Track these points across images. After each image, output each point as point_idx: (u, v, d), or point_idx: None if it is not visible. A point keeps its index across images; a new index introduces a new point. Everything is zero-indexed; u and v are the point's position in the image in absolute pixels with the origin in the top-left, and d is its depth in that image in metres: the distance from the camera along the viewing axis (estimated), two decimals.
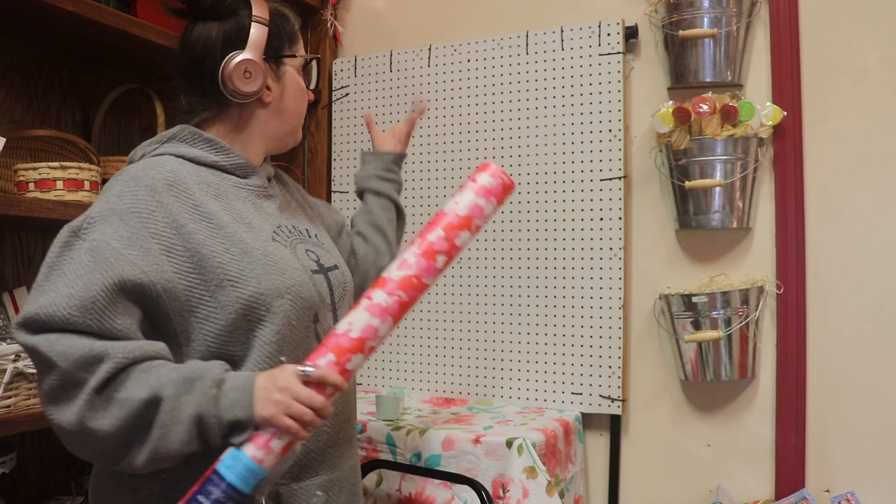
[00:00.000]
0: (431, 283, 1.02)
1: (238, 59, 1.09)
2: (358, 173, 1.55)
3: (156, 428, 0.90)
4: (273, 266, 1.04)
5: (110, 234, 0.96)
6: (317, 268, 1.14)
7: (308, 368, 0.95)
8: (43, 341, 0.90)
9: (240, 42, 1.10)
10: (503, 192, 1.07)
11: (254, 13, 1.11)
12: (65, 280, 0.92)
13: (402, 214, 1.58)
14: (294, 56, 1.18)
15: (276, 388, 0.92)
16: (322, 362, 0.95)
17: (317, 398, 0.94)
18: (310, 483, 1.09)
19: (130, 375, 0.91)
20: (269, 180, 1.20)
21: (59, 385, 0.90)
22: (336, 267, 1.20)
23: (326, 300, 1.13)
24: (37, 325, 0.91)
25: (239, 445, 0.90)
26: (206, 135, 1.12)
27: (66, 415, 0.89)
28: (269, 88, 1.14)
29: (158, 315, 0.98)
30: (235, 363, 1.02)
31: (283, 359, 1.02)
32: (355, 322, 0.97)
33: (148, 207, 0.99)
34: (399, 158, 1.57)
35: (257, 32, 1.10)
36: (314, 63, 1.23)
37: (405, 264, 1.00)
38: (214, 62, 1.09)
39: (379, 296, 0.99)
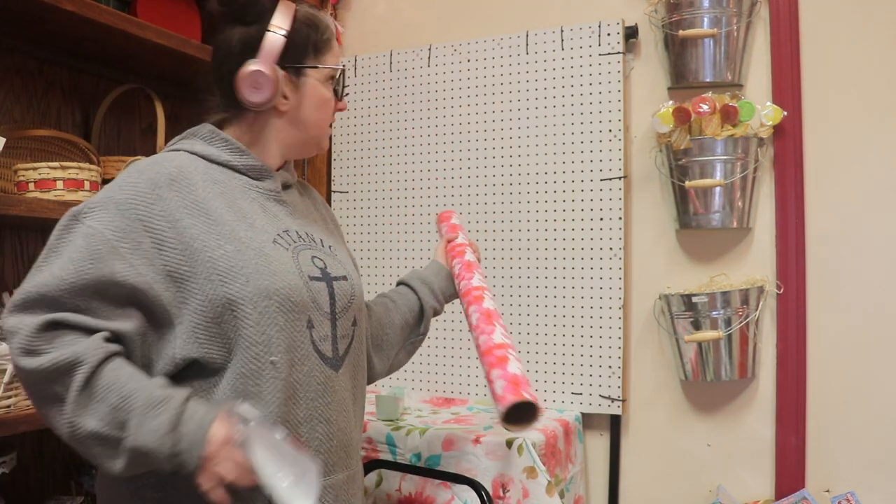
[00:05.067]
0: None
1: (249, 68, 1.10)
2: (425, 275, 1.46)
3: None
4: (265, 266, 1.05)
5: (106, 223, 0.99)
6: (319, 275, 1.13)
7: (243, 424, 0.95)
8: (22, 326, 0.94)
9: (255, 50, 1.11)
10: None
11: (273, 21, 1.11)
12: (59, 262, 0.96)
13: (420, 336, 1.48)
14: (316, 67, 1.16)
15: (225, 453, 0.94)
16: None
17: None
18: None
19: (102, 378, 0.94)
20: (287, 186, 1.21)
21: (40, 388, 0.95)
22: (344, 278, 1.18)
23: (324, 308, 1.12)
24: (28, 303, 0.95)
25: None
26: (222, 134, 1.14)
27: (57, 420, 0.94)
28: (286, 97, 1.14)
29: (150, 306, 1.00)
30: (222, 360, 1.02)
31: (272, 360, 1.02)
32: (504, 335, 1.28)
33: (146, 200, 1.02)
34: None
35: (272, 41, 1.11)
36: (343, 73, 1.22)
37: (482, 278, 1.40)
38: (231, 67, 1.11)
39: (514, 353, 1.25)
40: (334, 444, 1.12)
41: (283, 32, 1.12)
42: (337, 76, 1.20)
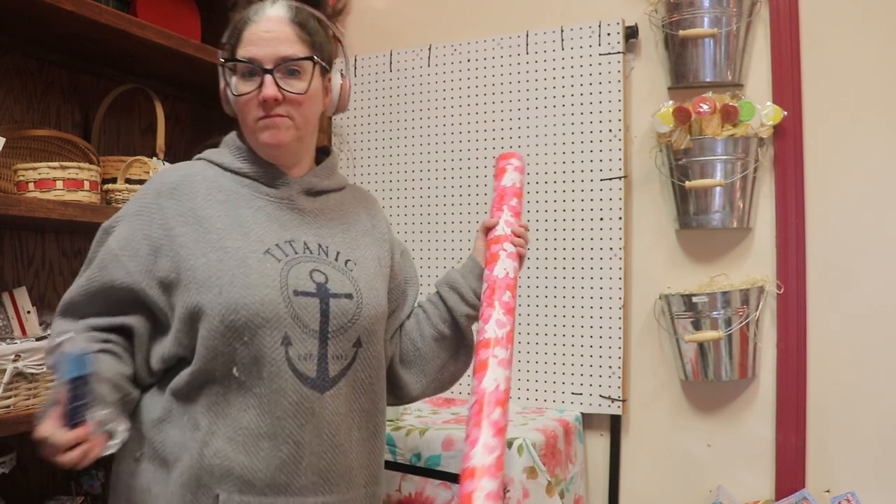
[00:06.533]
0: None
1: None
2: (454, 278, 1.28)
3: None
4: (241, 279, 1.03)
5: (116, 236, 1.10)
6: (312, 290, 1.08)
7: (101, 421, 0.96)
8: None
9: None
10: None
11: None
12: (87, 273, 1.11)
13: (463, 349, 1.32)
14: (223, 63, 1.13)
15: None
16: (497, 415, 1.02)
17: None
18: (252, 499, 1.03)
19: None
20: (318, 192, 1.18)
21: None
22: (349, 295, 1.11)
23: (309, 325, 1.06)
24: (63, 310, 1.11)
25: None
26: (238, 142, 1.17)
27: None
28: (227, 100, 1.16)
29: (150, 308, 1.09)
30: (188, 375, 1.06)
31: (235, 372, 1.03)
32: (500, 377, 1.07)
33: (148, 209, 1.09)
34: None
35: (225, 36, 1.14)
36: (245, 65, 1.10)
37: (501, 323, 1.14)
38: None
39: (501, 352, 1.10)
40: (303, 467, 1.04)
41: (227, 34, 1.14)
42: (234, 67, 1.11)
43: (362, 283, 1.14)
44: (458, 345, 1.29)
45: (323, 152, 1.26)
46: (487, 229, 1.28)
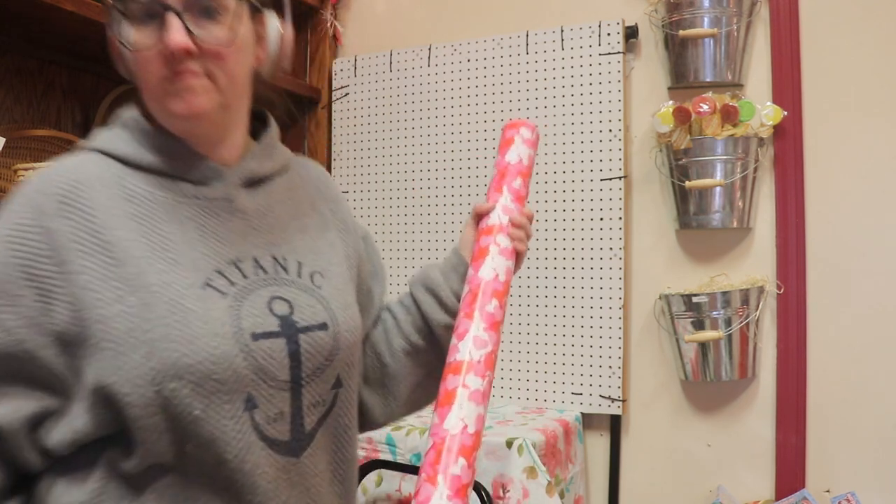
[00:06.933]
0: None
1: None
2: (432, 278, 1.00)
3: None
4: (180, 331, 0.72)
5: None
6: (275, 328, 0.78)
7: None
8: None
9: None
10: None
11: None
12: None
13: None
14: (110, 2, 0.80)
15: None
16: (459, 469, 0.78)
17: None
18: None
19: None
20: (256, 182, 0.87)
21: None
22: (323, 326, 0.82)
23: (278, 376, 0.77)
24: None
25: None
26: (142, 122, 0.83)
27: None
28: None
29: (41, 376, 0.74)
30: (124, 449, 0.74)
31: (189, 451, 0.73)
32: (467, 416, 0.81)
33: (27, 236, 0.74)
34: None
35: None
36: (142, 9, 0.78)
37: (480, 342, 0.87)
38: None
39: (475, 381, 0.84)
40: None
41: None
42: (125, 7, 0.79)
43: (335, 303, 0.86)
44: (436, 361, 0.96)
45: (258, 120, 0.92)
46: (479, 216, 1.01)
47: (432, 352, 0.99)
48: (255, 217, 0.85)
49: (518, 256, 1.00)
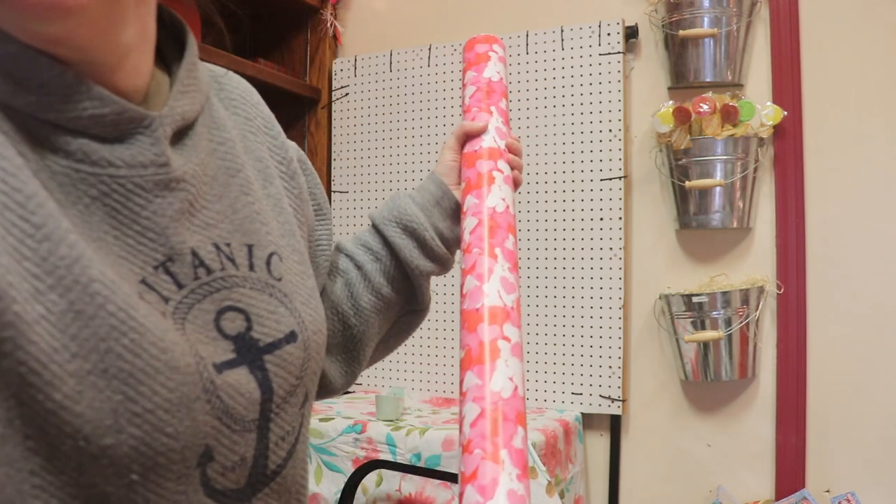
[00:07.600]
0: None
1: None
2: (411, 213, 0.83)
3: None
4: (128, 362, 0.46)
5: None
6: (231, 355, 0.54)
7: None
8: None
9: None
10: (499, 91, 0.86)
11: None
12: None
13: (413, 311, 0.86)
14: None
15: None
16: (521, 441, 0.59)
17: None
18: None
19: None
20: (184, 131, 0.56)
21: None
22: (291, 337, 0.59)
23: (246, 417, 0.54)
24: None
25: None
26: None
27: None
28: None
29: None
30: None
31: None
32: (515, 374, 0.63)
33: None
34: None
35: None
36: None
37: (509, 285, 0.69)
38: None
39: (514, 333, 0.66)
40: None
41: None
42: None
43: (300, 298, 0.62)
44: (402, 310, 0.81)
45: (165, 29, 0.64)
46: (468, 137, 0.85)
47: (400, 302, 0.81)
48: (191, 187, 0.55)
49: (516, 188, 0.82)
